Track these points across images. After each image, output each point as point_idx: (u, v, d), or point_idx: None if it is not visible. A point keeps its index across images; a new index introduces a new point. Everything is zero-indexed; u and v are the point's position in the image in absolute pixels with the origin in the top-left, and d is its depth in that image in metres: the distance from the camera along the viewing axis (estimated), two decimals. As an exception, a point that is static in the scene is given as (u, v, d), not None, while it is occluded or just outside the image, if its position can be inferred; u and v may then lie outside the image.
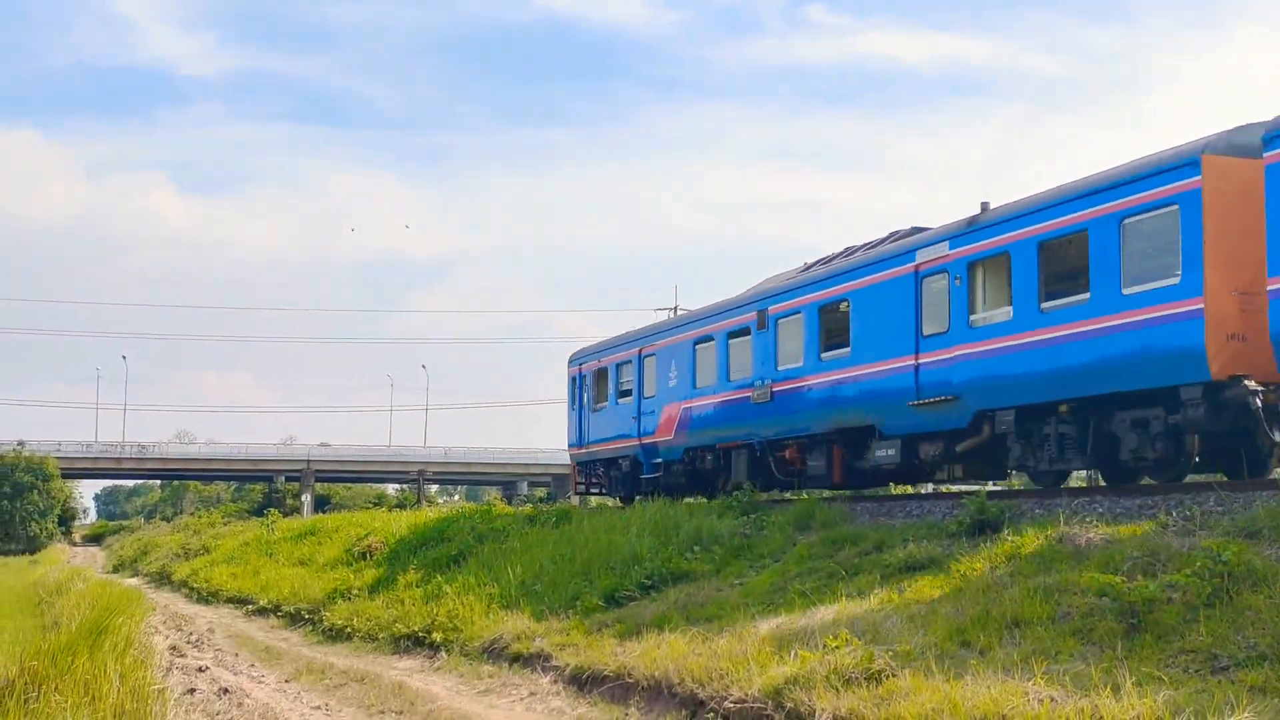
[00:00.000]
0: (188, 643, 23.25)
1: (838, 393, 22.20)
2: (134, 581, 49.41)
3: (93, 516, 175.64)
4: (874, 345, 21.19)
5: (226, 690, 16.24)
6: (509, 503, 46.51)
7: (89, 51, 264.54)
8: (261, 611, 30.91)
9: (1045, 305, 17.74)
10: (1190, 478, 17.10)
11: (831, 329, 22.78)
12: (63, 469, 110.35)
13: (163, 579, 50.94)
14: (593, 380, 33.17)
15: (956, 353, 19.26)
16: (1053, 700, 8.96)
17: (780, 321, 24.09)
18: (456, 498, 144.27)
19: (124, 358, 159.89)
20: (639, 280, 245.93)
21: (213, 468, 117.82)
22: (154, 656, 15.40)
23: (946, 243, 19.84)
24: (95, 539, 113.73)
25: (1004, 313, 18.64)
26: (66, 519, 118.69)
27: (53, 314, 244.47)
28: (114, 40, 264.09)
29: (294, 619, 28.04)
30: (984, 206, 19.90)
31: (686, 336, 28.11)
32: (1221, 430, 15.72)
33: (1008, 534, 14.36)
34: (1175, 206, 15.65)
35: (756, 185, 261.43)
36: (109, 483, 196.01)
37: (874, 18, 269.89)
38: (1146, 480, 17.18)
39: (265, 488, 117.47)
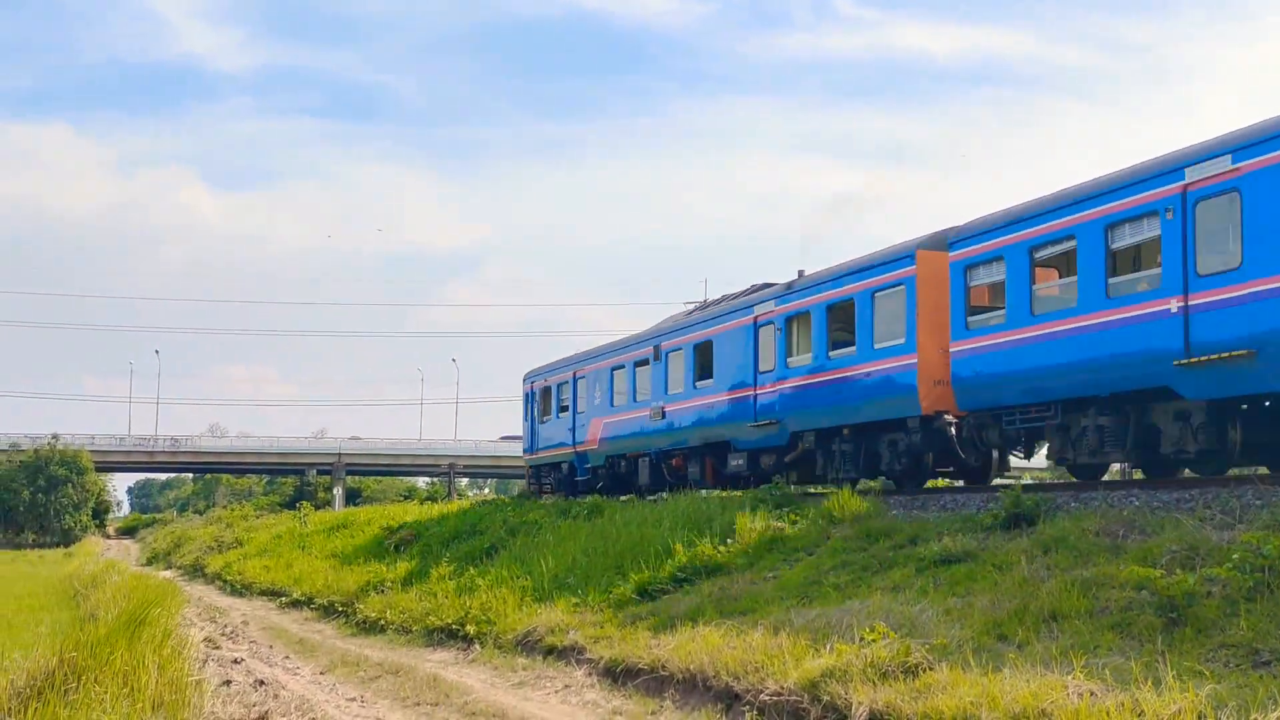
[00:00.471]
0: (222, 635, 23.39)
1: (706, 415, 28.12)
2: (168, 574, 49.74)
3: (126, 510, 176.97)
4: (728, 378, 27.07)
5: (262, 682, 16.32)
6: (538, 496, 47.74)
7: (120, 47, 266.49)
8: (295, 604, 31.05)
9: (832, 354, 23.37)
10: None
11: (702, 363, 28.57)
12: (96, 462, 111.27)
13: (196, 572, 51.23)
14: (540, 397, 39.43)
15: (778, 386, 25.00)
16: (1092, 694, 8.89)
17: (670, 355, 30.29)
18: (487, 490, 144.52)
19: (157, 352, 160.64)
20: (668, 273, 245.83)
21: (245, 461, 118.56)
22: (190, 649, 15.42)
23: (774, 301, 25.62)
24: (128, 532, 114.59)
25: (807, 357, 24.10)
26: (100, 512, 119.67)
27: (85, 308, 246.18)
28: (145, 36, 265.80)
29: (327, 611, 28.17)
30: (800, 274, 25.77)
31: (607, 364, 34.19)
32: (937, 450, 21.34)
33: (1044, 527, 14.31)
34: (903, 286, 21.28)
35: (786, 177, 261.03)
36: (142, 476, 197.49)
37: (901, 10, 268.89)
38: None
39: (297, 481, 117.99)
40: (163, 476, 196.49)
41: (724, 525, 19.96)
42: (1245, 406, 16.18)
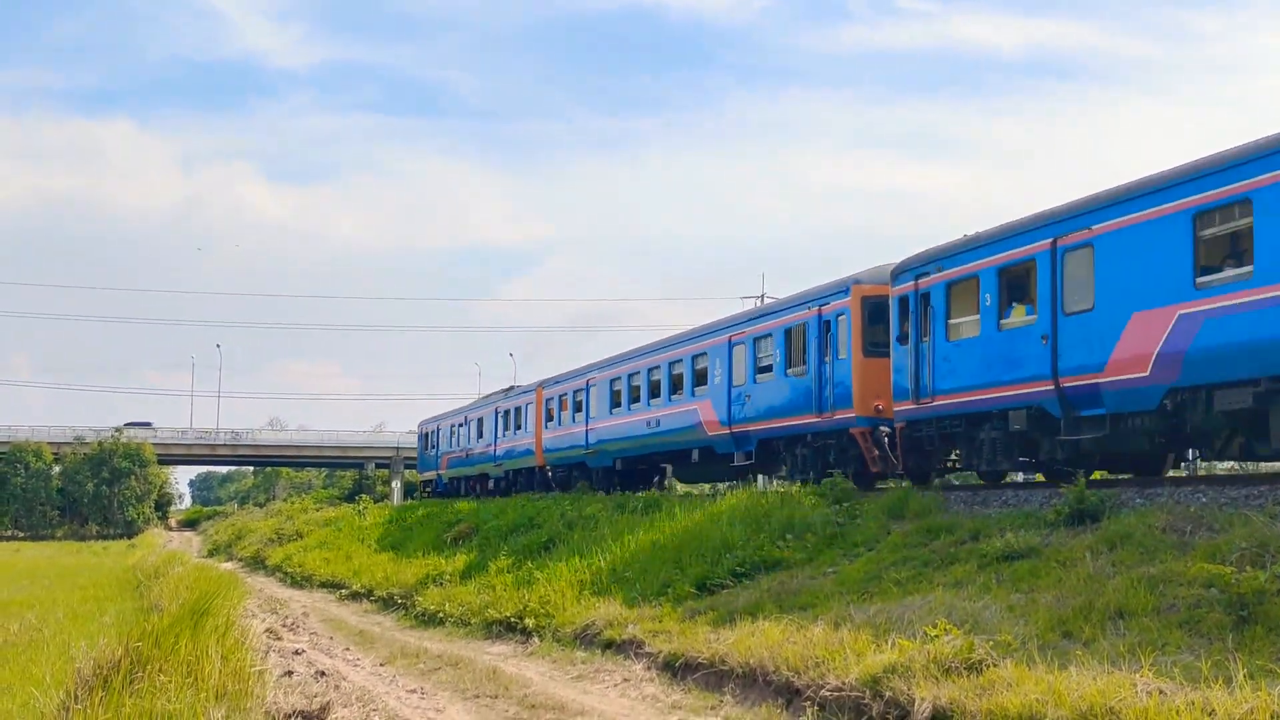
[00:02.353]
0: (284, 626, 23.55)
1: (481, 458, 52.59)
2: (229, 566, 50.25)
3: (188, 502, 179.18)
4: (491, 439, 51.01)
5: (323, 673, 16.41)
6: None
7: (183, 45, 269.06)
8: (354, 596, 31.29)
9: (517, 432, 47.28)
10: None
11: (480, 430, 52.94)
12: (159, 455, 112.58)
13: (257, 564, 51.79)
14: (425, 437, 66.16)
15: (501, 446, 49.39)
16: (1162, 693, 8.75)
17: (470, 423, 55.02)
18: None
19: (218, 346, 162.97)
20: (727, 268, 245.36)
21: (304, 454, 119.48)
22: (252, 639, 15.51)
23: (501, 399, 50.66)
24: (190, 524, 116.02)
25: (512, 432, 47.99)
26: (163, 504, 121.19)
27: (148, 303, 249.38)
28: (207, 33, 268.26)
29: (386, 604, 28.35)
30: (513, 386, 52.61)
31: (449, 423, 59.72)
32: (551, 481, 43.63)
33: (1109, 524, 14.11)
34: (532, 401, 45.27)
35: (846, 172, 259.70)
36: (203, 469, 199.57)
37: (961, 2, 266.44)
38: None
39: (356, 474, 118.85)
40: (223, 469, 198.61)
41: (782, 520, 19.85)
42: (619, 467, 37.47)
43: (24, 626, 20.77)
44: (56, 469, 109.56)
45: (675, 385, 32.61)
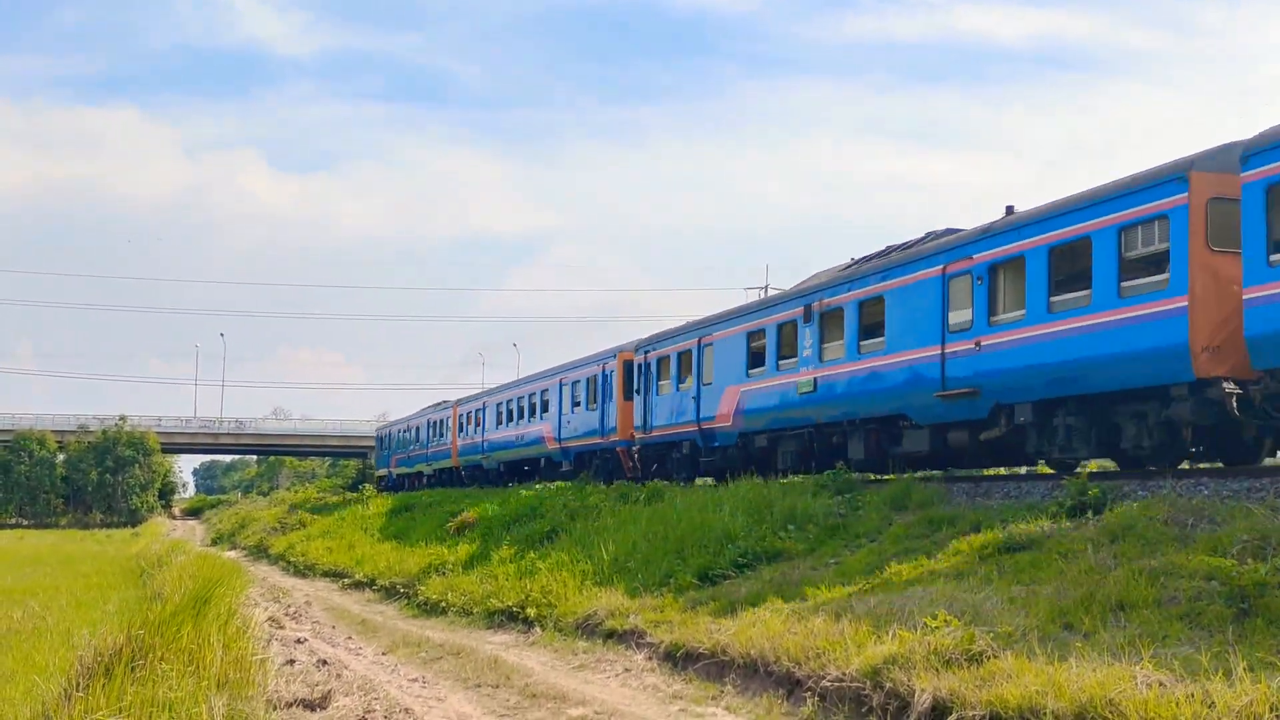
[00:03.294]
0: (286, 615, 23.58)
1: (418, 458, 64.19)
2: (232, 554, 50.28)
3: (191, 490, 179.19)
4: (424, 443, 62.72)
5: (325, 662, 16.42)
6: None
7: (187, 32, 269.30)
8: (357, 585, 31.31)
9: (440, 439, 59.12)
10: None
11: (417, 435, 65.26)
12: (163, 444, 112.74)
13: (260, 552, 51.80)
14: (380, 440, 79.10)
15: (430, 449, 61.40)
16: (1161, 685, 8.75)
17: (411, 428, 66.84)
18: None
19: (222, 335, 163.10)
20: (734, 256, 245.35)
21: (307, 443, 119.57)
22: (254, 628, 15.53)
23: (432, 412, 62.78)
24: (194, 513, 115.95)
25: (437, 439, 59.48)
26: (166, 493, 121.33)
27: (151, 291, 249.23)
28: (211, 20, 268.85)
29: (389, 593, 28.37)
30: (442, 401, 62.42)
31: (397, 429, 71.99)
32: (463, 478, 54.60)
33: (1110, 515, 14.10)
34: (450, 415, 57.95)
35: (851, 162, 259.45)
36: (207, 458, 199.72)
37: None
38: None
39: (359, 463, 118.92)
40: (227, 458, 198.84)
41: (784, 511, 19.86)
42: (502, 469, 49.62)
43: (27, 614, 20.82)
44: (60, 457, 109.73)
45: (533, 410, 45.39)
